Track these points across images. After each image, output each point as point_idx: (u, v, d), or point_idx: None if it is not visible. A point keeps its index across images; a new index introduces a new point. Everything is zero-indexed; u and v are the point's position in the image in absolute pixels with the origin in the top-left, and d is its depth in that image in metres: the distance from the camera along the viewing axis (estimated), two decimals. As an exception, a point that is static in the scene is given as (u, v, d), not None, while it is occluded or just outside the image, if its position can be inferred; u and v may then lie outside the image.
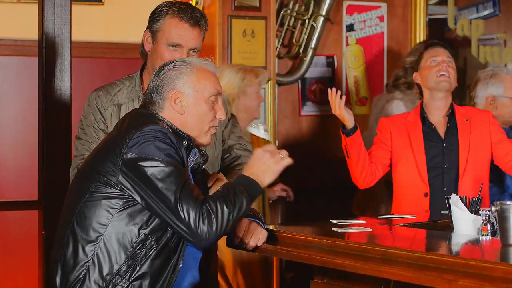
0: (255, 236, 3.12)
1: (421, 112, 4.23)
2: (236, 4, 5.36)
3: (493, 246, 2.97)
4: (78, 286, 2.81)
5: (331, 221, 3.44)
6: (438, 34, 7.09)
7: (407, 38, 6.14)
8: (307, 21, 5.76)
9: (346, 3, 5.97)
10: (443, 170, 4.14)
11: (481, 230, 3.20)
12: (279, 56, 5.75)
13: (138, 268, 2.82)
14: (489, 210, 3.19)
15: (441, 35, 7.14)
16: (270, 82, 5.32)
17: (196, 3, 5.31)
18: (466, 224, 3.23)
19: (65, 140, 4.24)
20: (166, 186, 2.78)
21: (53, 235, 2.98)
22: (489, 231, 3.19)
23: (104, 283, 2.80)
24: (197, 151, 3.03)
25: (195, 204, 2.77)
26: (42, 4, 4.21)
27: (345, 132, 4.05)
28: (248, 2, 5.38)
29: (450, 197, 3.30)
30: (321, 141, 5.86)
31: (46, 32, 4.20)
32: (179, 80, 2.96)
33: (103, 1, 5.95)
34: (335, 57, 5.97)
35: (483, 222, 3.20)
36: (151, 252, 2.83)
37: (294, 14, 5.76)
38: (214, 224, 2.78)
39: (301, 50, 5.77)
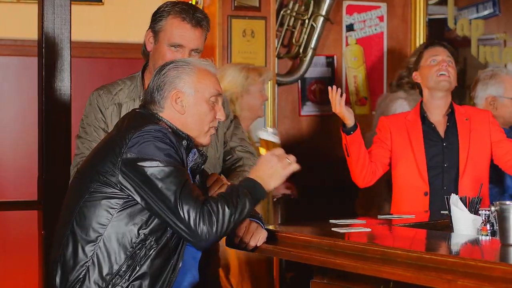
0: (255, 236, 3.12)
1: (421, 112, 4.24)
2: (236, 4, 5.36)
3: (493, 246, 2.97)
4: (78, 286, 2.81)
5: (331, 221, 3.44)
6: (438, 34, 7.09)
7: (407, 38, 6.13)
8: (307, 21, 5.76)
9: (346, 3, 5.97)
10: (443, 169, 4.14)
11: (481, 230, 3.20)
12: (279, 56, 5.74)
13: (138, 268, 2.82)
14: (489, 210, 3.19)
15: (441, 35, 7.14)
16: (270, 82, 5.32)
17: (196, 3, 5.31)
18: (466, 224, 3.23)
19: (65, 140, 4.24)
20: (166, 186, 2.78)
21: (53, 235, 2.98)
22: (489, 231, 3.19)
23: (104, 283, 2.80)
24: (196, 151, 3.03)
25: (196, 204, 2.77)
26: (42, 4, 4.21)
27: (345, 131, 4.05)
28: (248, 2, 5.37)
29: (450, 197, 3.30)
30: (321, 141, 5.86)
31: (46, 32, 4.20)
32: (180, 80, 2.96)
33: (103, 1, 5.94)
34: (335, 57, 5.96)
35: (483, 222, 3.20)
36: (151, 252, 2.83)
37: (294, 14, 5.76)
38: (215, 225, 2.78)
39: (301, 50, 5.77)
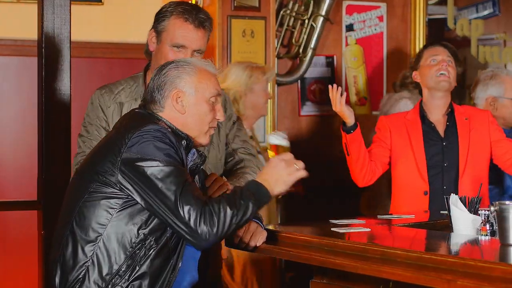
0: (255, 236, 3.12)
1: (421, 111, 4.24)
2: (236, 4, 5.36)
3: (492, 246, 2.97)
4: (78, 286, 2.80)
5: (331, 221, 3.44)
6: (438, 34, 7.09)
7: (407, 38, 6.14)
8: (307, 21, 5.76)
9: (346, 3, 5.97)
10: (443, 169, 4.14)
11: (480, 230, 3.20)
12: (279, 56, 5.74)
13: (138, 268, 2.81)
14: (488, 210, 3.19)
15: (441, 35, 7.14)
16: (270, 82, 5.32)
17: (196, 3, 5.31)
18: (465, 224, 3.22)
19: (65, 140, 4.24)
20: (166, 186, 2.77)
21: (53, 235, 2.98)
22: (488, 231, 3.18)
23: (104, 283, 2.80)
24: (196, 152, 3.03)
25: (197, 204, 2.77)
26: (42, 4, 4.21)
27: (346, 130, 4.05)
28: (248, 2, 5.38)
29: (449, 197, 3.30)
30: (321, 141, 5.86)
31: (46, 32, 4.20)
32: (181, 80, 2.96)
33: (103, 1, 5.94)
34: (335, 57, 5.96)
35: (482, 222, 3.20)
36: (151, 252, 2.83)
37: (294, 14, 5.76)
38: (216, 226, 2.77)
39: (301, 50, 5.77)
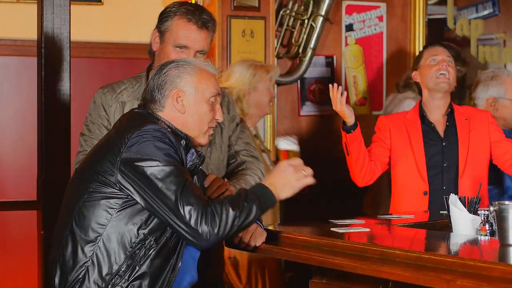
0: (254, 236, 3.12)
1: (420, 111, 4.24)
2: (235, 4, 5.36)
3: (492, 246, 2.97)
4: (78, 287, 2.80)
5: (330, 221, 3.44)
6: (438, 34, 7.09)
7: (407, 38, 6.13)
8: (306, 21, 5.75)
9: (346, 3, 5.97)
10: (443, 169, 4.15)
11: (480, 230, 3.20)
12: (278, 56, 5.74)
13: (138, 268, 2.81)
14: (488, 210, 3.19)
15: (441, 35, 7.13)
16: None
17: (196, 3, 5.30)
18: (465, 224, 3.23)
19: (64, 140, 4.24)
20: (166, 186, 2.77)
21: (52, 235, 2.98)
22: (488, 231, 3.19)
23: (104, 283, 2.79)
24: (195, 152, 3.03)
25: (197, 204, 2.76)
26: (41, 4, 4.21)
27: (346, 129, 4.05)
28: (247, 2, 5.37)
29: (449, 197, 3.30)
30: (321, 141, 5.85)
31: (45, 32, 4.20)
32: (181, 79, 2.96)
33: (102, 1, 5.94)
34: (335, 57, 5.96)
35: (482, 222, 3.20)
36: (150, 252, 2.83)
37: (293, 14, 5.75)
38: (217, 226, 2.77)
39: (300, 50, 5.77)
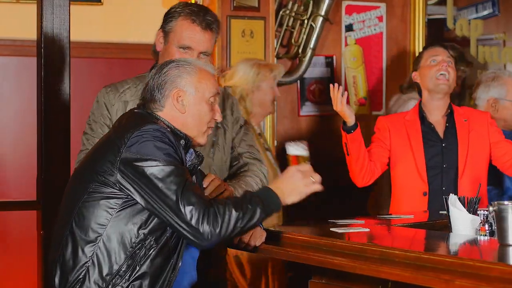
0: (254, 236, 3.12)
1: (420, 112, 4.24)
2: (235, 4, 5.36)
3: (491, 246, 2.97)
4: (78, 287, 2.80)
5: (330, 221, 3.44)
6: (437, 34, 7.08)
7: (406, 38, 6.13)
8: (306, 21, 5.75)
9: (345, 3, 5.97)
10: (442, 170, 4.14)
11: (479, 230, 3.20)
12: (278, 56, 5.74)
13: (138, 268, 2.81)
14: (487, 210, 3.19)
15: (440, 35, 7.13)
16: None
17: (196, 3, 5.30)
18: (464, 224, 3.23)
19: (64, 140, 4.24)
20: (167, 186, 2.77)
21: (52, 235, 2.98)
22: (487, 231, 3.19)
23: (104, 284, 2.79)
24: (193, 152, 3.03)
25: (199, 204, 2.76)
26: (41, 4, 4.21)
27: (346, 129, 4.05)
28: (247, 2, 5.37)
29: (448, 197, 3.30)
30: (320, 141, 5.85)
31: (45, 32, 4.20)
32: (182, 79, 2.96)
33: (102, 1, 5.94)
34: (334, 57, 5.96)
35: (481, 222, 3.20)
36: (151, 252, 2.82)
37: (293, 14, 5.75)
38: (219, 226, 2.77)
39: (300, 50, 5.76)
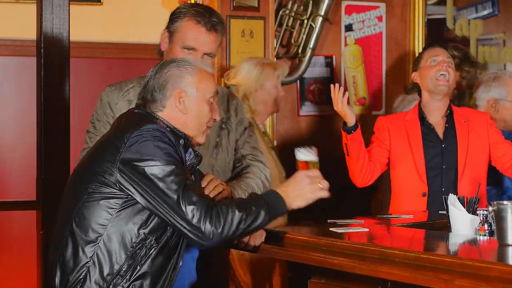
0: (254, 236, 3.13)
1: (420, 112, 4.23)
2: (235, 4, 5.36)
3: (490, 246, 2.97)
4: (79, 287, 2.80)
5: (329, 221, 3.44)
6: (437, 34, 7.08)
7: (406, 38, 6.13)
8: (306, 21, 5.75)
9: (345, 3, 5.97)
10: (442, 171, 4.14)
11: (479, 230, 3.20)
12: (278, 56, 5.74)
13: (139, 268, 2.81)
14: (487, 210, 3.19)
15: (440, 35, 7.13)
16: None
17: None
18: (464, 224, 3.23)
19: (64, 140, 4.24)
20: (167, 186, 2.77)
21: (51, 236, 2.98)
22: (487, 231, 3.19)
23: (105, 284, 2.79)
24: (192, 152, 3.03)
25: (200, 203, 2.76)
26: (41, 4, 4.21)
27: (346, 129, 4.05)
28: (247, 2, 5.37)
29: (448, 197, 3.30)
30: (320, 141, 5.84)
31: (45, 32, 4.20)
32: (183, 80, 2.95)
33: (102, 1, 5.93)
34: (334, 57, 5.96)
35: (481, 222, 3.20)
36: (151, 252, 2.82)
37: (293, 14, 5.75)
38: (221, 226, 2.76)
39: (300, 50, 5.76)
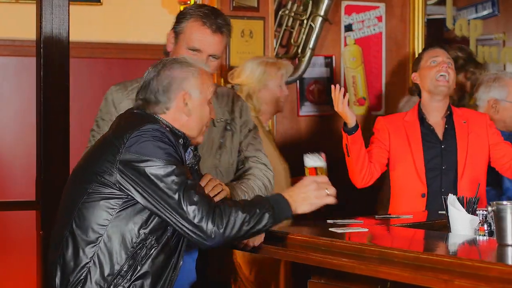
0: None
1: (419, 113, 4.23)
2: (234, 5, 5.35)
3: (490, 246, 2.97)
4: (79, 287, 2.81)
5: (328, 221, 3.44)
6: (437, 34, 7.08)
7: (406, 38, 6.13)
8: (305, 21, 5.75)
9: (345, 3, 5.96)
10: (441, 172, 4.14)
11: (478, 230, 3.20)
12: (278, 57, 5.73)
13: (139, 268, 2.81)
14: (486, 210, 3.19)
15: (440, 35, 7.13)
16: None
17: (195, 3, 5.30)
18: (463, 224, 3.23)
19: (63, 140, 4.24)
20: (168, 186, 2.77)
21: (51, 236, 2.97)
22: (486, 231, 3.19)
23: (106, 284, 2.79)
24: (191, 151, 3.03)
25: (201, 202, 2.76)
26: (40, 4, 4.21)
27: (347, 130, 4.05)
28: (246, 3, 5.37)
29: (447, 197, 3.30)
30: (320, 141, 5.85)
31: (44, 33, 4.20)
32: (188, 82, 2.95)
33: (102, 1, 5.93)
34: (334, 58, 5.96)
35: (480, 222, 3.21)
36: (152, 252, 2.82)
37: (292, 15, 5.75)
38: (223, 226, 2.77)
39: (299, 51, 5.76)
